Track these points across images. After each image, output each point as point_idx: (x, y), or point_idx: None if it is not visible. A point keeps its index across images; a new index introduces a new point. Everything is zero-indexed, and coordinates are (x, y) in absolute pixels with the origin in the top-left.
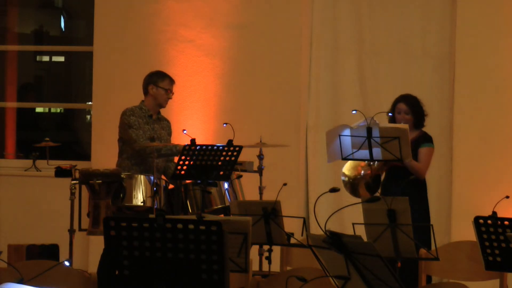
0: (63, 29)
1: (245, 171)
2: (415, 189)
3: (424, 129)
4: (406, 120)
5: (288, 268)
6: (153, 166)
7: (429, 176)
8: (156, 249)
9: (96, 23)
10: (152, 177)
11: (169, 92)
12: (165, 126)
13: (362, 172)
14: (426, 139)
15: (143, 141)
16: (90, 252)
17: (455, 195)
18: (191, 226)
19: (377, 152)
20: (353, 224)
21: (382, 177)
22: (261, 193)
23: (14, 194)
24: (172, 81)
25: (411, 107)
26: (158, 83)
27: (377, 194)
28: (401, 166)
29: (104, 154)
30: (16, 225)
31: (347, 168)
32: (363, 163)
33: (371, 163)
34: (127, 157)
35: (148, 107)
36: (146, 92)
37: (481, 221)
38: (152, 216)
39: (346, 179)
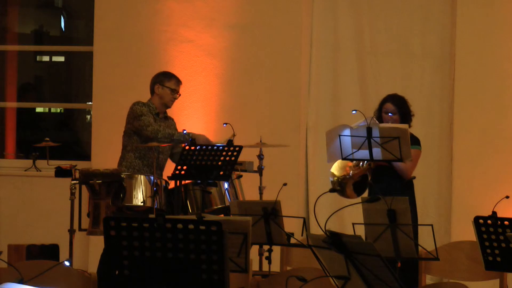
0: (63, 29)
1: (245, 171)
2: (403, 189)
3: (424, 130)
4: (393, 120)
5: (288, 268)
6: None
7: (429, 176)
8: (156, 249)
9: (96, 23)
10: (152, 177)
11: (175, 92)
12: (171, 124)
13: (351, 172)
14: (415, 141)
15: (156, 127)
16: (90, 252)
17: (455, 195)
18: (191, 226)
19: (377, 152)
20: (353, 224)
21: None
22: (261, 193)
23: (14, 194)
24: (178, 82)
25: (398, 107)
26: (164, 82)
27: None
28: (386, 166)
29: (104, 154)
30: (16, 225)
31: (336, 168)
32: (350, 163)
33: (360, 163)
34: (131, 150)
35: (155, 105)
36: (152, 91)
37: (481, 221)
38: (152, 216)
39: (335, 179)
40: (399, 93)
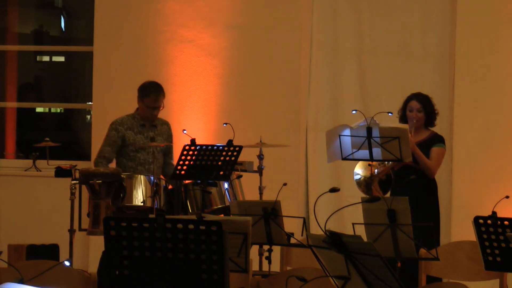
0: (63, 29)
1: (245, 171)
2: (426, 188)
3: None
4: (418, 118)
5: (288, 268)
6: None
7: None
8: (156, 249)
9: (96, 23)
10: (152, 177)
11: (152, 109)
12: (163, 130)
13: (376, 170)
14: (439, 140)
15: (101, 159)
16: (90, 252)
17: (455, 195)
18: (191, 226)
19: (377, 152)
20: (353, 224)
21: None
22: (261, 193)
23: (14, 194)
24: (157, 97)
25: (423, 105)
26: (143, 98)
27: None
28: (411, 165)
29: None
30: (16, 225)
31: (359, 167)
32: (374, 162)
33: (386, 162)
34: (122, 155)
35: (140, 116)
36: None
37: (481, 221)
38: (152, 216)
39: (361, 178)
40: (399, 93)
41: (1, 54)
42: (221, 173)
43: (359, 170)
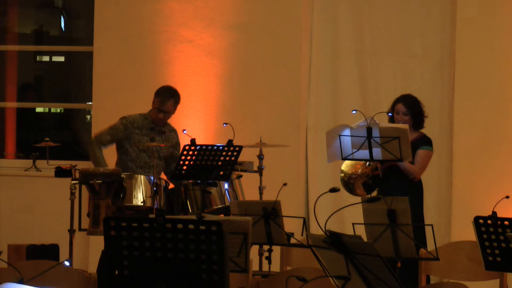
0: (63, 29)
1: (245, 171)
2: (410, 190)
3: (424, 130)
4: (404, 121)
5: (288, 268)
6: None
7: (429, 176)
8: (156, 249)
9: (96, 23)
10: (152, 177)
11: (158, 111)
12: (171, 137)
13: (360, 170)
14: (426, 142)
15: (97, 143)
16: (90, 252)
17: (455, 195)
18: (191, 226)
19: (377, 152)
20: (353, 224)
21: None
22: (261, 193)
23: (14, 194)
24: (164, 101)
25: (409, 108)
26: (154, 99)
27: (374, 193)
28: (396, 166)
29: (104, 154)
30: (16, 225)
31: (345, 165)
32: (361, 162)
33: (368, 163)
34: (123, 153)
35: (151, 118)
36: None
37: (481, 221)
38: (152, 216)
39: (342, 175)
40: (399, 93)
41: (1, 54)
42: (221, 173)
43: (344, 168)
